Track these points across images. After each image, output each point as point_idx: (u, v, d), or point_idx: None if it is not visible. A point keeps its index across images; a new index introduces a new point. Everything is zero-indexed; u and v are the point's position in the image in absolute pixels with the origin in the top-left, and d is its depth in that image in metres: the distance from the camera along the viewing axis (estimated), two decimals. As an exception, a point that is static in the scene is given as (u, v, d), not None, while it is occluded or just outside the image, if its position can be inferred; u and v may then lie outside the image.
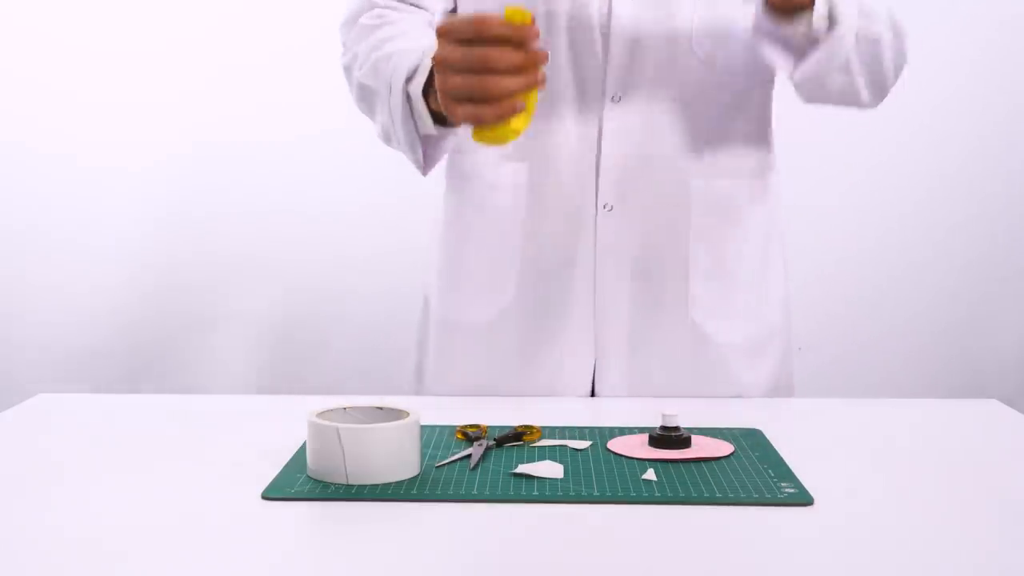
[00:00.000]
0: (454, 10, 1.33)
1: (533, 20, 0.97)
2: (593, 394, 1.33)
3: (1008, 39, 2.54)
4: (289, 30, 2.47)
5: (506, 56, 0.97)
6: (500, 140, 1.00)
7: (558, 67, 1.27)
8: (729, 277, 1.33)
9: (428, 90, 1.13)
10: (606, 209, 1.29)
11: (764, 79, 1.33)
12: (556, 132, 1.29)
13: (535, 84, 0.98)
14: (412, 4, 1.32)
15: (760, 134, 1.35)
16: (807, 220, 2.48)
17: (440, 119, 1.15)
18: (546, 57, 0.98)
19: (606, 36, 1.26)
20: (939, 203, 2.57)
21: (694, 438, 1.07)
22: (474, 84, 0.98)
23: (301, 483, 0.94)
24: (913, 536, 0.85)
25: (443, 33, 1.01)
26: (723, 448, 1.05)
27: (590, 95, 1.28)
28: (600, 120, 1.28)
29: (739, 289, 1.34)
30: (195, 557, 0.80)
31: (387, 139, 1.25)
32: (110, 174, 2.51)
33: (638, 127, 1.28)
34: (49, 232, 2.53)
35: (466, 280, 1.36)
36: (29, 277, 2.53)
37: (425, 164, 1.23)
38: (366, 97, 1.25)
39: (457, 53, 0.99)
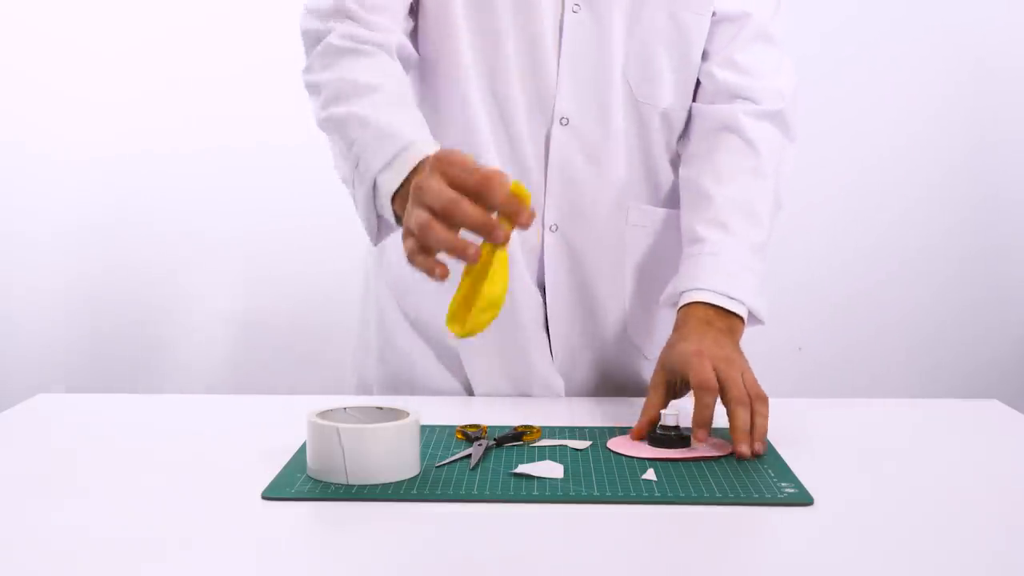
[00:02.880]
0: (414, 31, 1.29)
1: (532, 208, 0.90)
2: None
3: (1007, 41, 2.54)
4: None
5: (473, 213, 0.89)
6: (459, 333, 0.93)
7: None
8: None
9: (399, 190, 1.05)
10: (551, 231, 1.30)
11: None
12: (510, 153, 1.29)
13: (467, 254, 0.89)
14: (378, 16, 1.23)
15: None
16: (806, 220, 2.48)
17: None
18: (507, 237, 0.90)
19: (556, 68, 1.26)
20: (939, 203, 2.57)
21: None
22: (426, 231, 0.90)
23: (301, 483, 0.94)
24: (913, 536, 0.85)
25: (442, 162, 0.92)
26: (723, 448, 1.05)
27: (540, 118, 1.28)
28: (548, 142, 1.28)
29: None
30: (195, 557, 0.80)
31: (343, 183, 1.17)
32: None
33: (581, 154, 1.28)
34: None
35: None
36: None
37: (379, 236, 1.15)
38: (329, 135, 1.19)
39: (440, 196, 0.90)
